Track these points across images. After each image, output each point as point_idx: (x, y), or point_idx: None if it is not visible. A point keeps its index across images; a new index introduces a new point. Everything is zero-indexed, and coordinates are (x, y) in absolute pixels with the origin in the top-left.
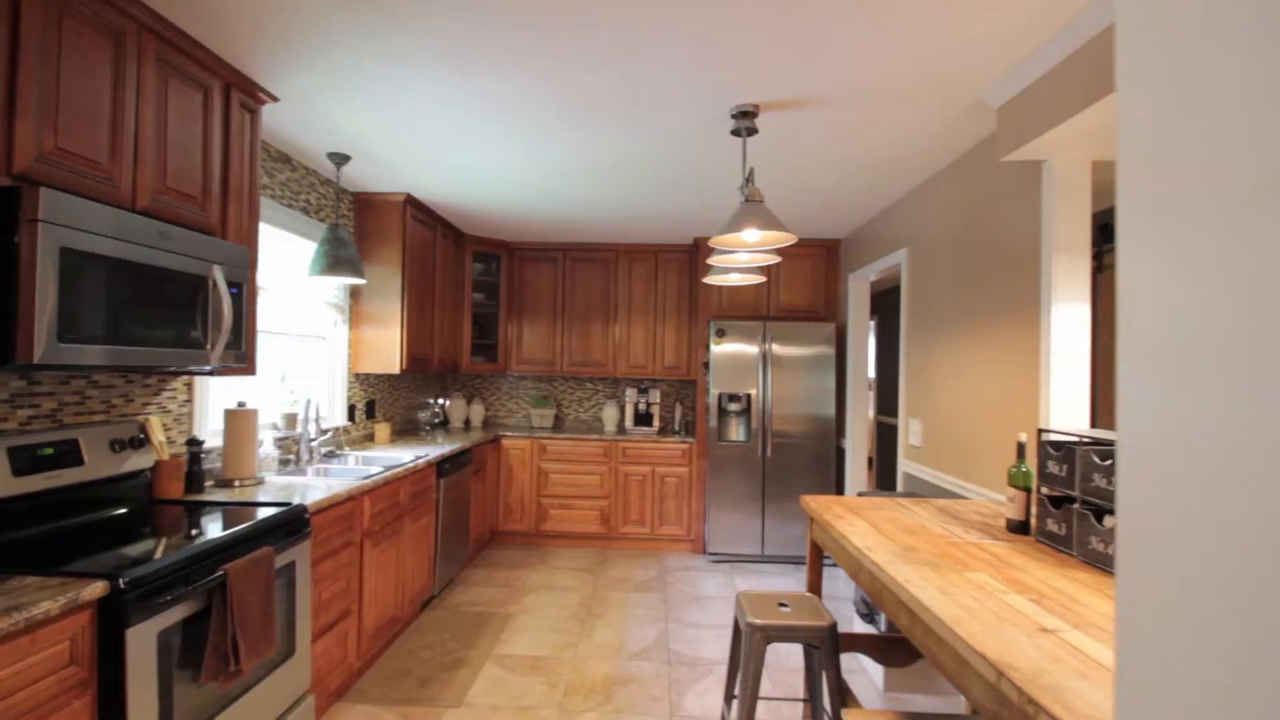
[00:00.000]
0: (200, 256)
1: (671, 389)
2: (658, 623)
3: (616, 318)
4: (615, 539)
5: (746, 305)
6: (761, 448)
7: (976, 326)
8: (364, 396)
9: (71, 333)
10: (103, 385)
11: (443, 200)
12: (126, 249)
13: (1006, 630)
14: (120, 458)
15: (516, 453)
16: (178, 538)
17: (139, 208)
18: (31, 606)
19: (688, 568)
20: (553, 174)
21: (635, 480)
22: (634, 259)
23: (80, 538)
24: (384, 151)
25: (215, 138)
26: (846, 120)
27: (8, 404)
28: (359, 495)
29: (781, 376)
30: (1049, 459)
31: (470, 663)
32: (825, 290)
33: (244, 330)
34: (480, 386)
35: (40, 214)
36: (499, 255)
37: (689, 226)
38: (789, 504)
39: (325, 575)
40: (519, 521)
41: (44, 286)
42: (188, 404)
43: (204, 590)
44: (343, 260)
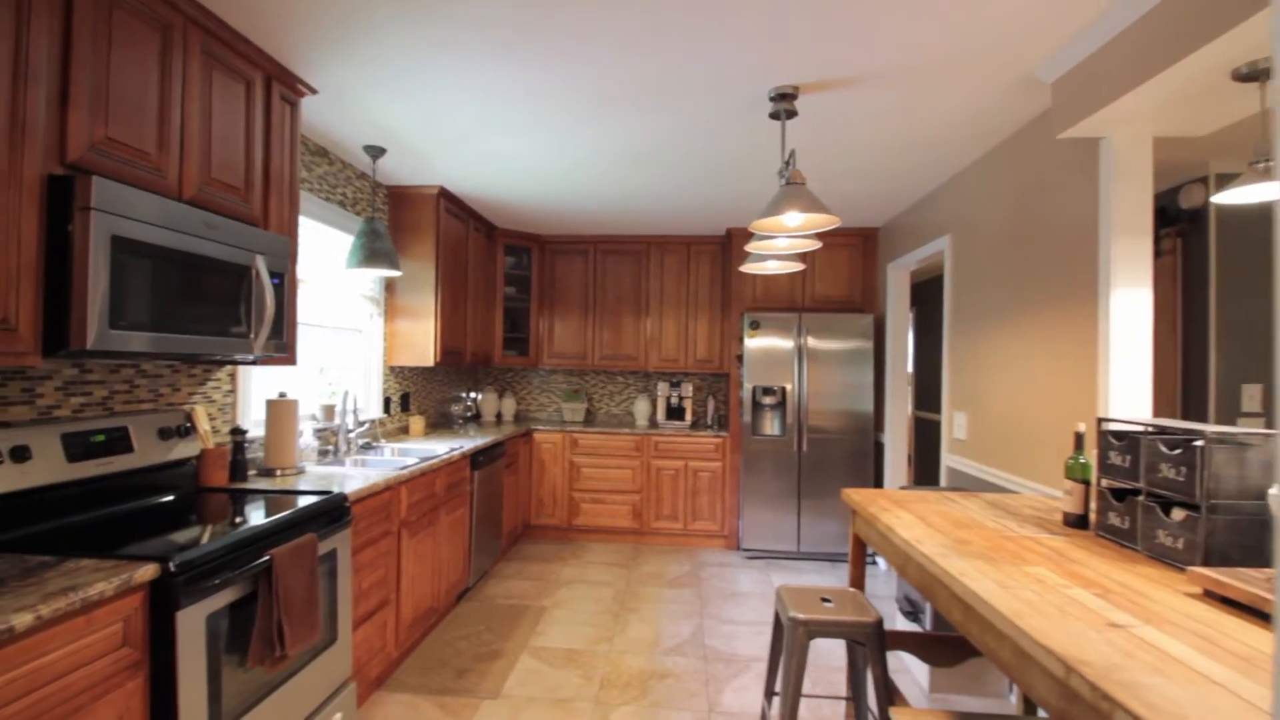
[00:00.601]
0: (244, 246)
1: (703, 382)
2: (692, 618)
3: (648, 310)
4: (647, 534)
5: (781, 297)
6: (797, 442)
7: (1028, 314)
8: (398, 389)
9: (122, 320)
10: (151, 374)
11: (475, 193)
12: (174, 238)
13: (1073, 625)
14: (168, 446)
15: (548, 446)
16: (224, 524)
17: (185, 198)
18: (87, 587)
19: (721, 564)
20: (586, 164)
21: (667, 475)
22: (665, 251)
23: (130, 523)
24: (419, 143)
25: (257, 130)
26: (890, 100)
27: (61, 391)
28: (396, 485)
29: (817, 369)
30: (1111, 450)
31: (506, 654)
32: (862, 280)
33: (285, 320)
34: (512, 380)
35: (93, 202)
36: (530, 248)
37: (721, 217)
38: (825, 500)
39: (365, 564)
40: (551, 515)
41: (96, 274)
42: (231, 394)
43: (250, 575)
44: (379, 252)
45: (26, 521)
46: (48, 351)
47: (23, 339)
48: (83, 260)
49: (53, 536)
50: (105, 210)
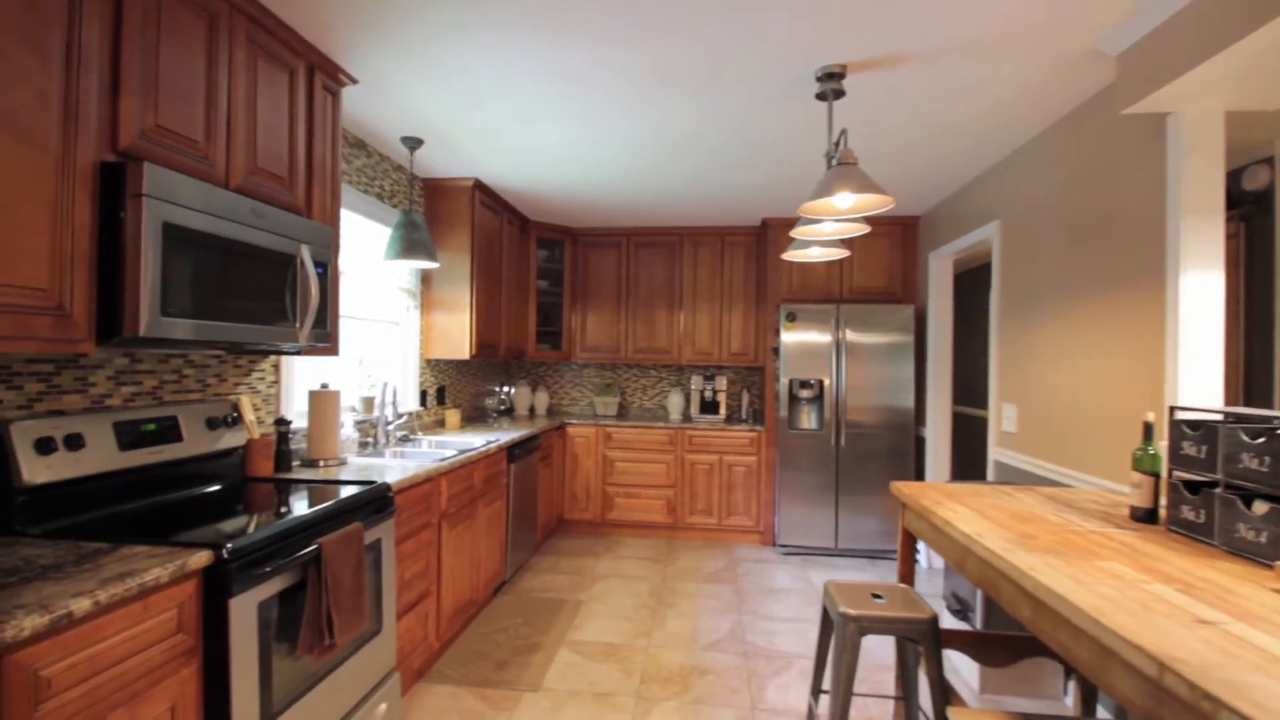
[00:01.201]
0: (289, 235)
1: (738, 376)
2: (730, 614)
3: (681, 303)
4: (681, 529)
5: (818, 288)
6: (835, 437)
7: (1085, 301)
8: (434, 382)
9: (173, 307)
10: (198, 364)
11: (510, 185)
12: (222, 225)
13: (1159, 621)
14: (215, 435)
15: (581, 440)
16: (272, 513)
17: (232, 186)
18: (143, 573)
19: (757, 559)
20: (622, 154)
21: (702, 469)
22: (699, 242)
23: (181, 511)
24: (456, 133)
25: (300, 119)
26: (942, 79)
27: (113, 381)
28: (437, 476)
29: (856, 362)
30: (1184, 440)
31: (545, 648)
32: (903, 271)
33: (328, 311)
34: (544, 374)
35: (144, 189)
36: (563, 241)
37: (756, 206)
38: (864, 495)
39: (407, 554)
40: (584, 510)
41: (148, 261)
42: (275, 385)
43: (300, 563)
44: (417, 244)
45: (81, 509)
46: (101, 339)
47: (77, 326)
48: (135, 247)
49: (106, 524)
50: (156, 197)
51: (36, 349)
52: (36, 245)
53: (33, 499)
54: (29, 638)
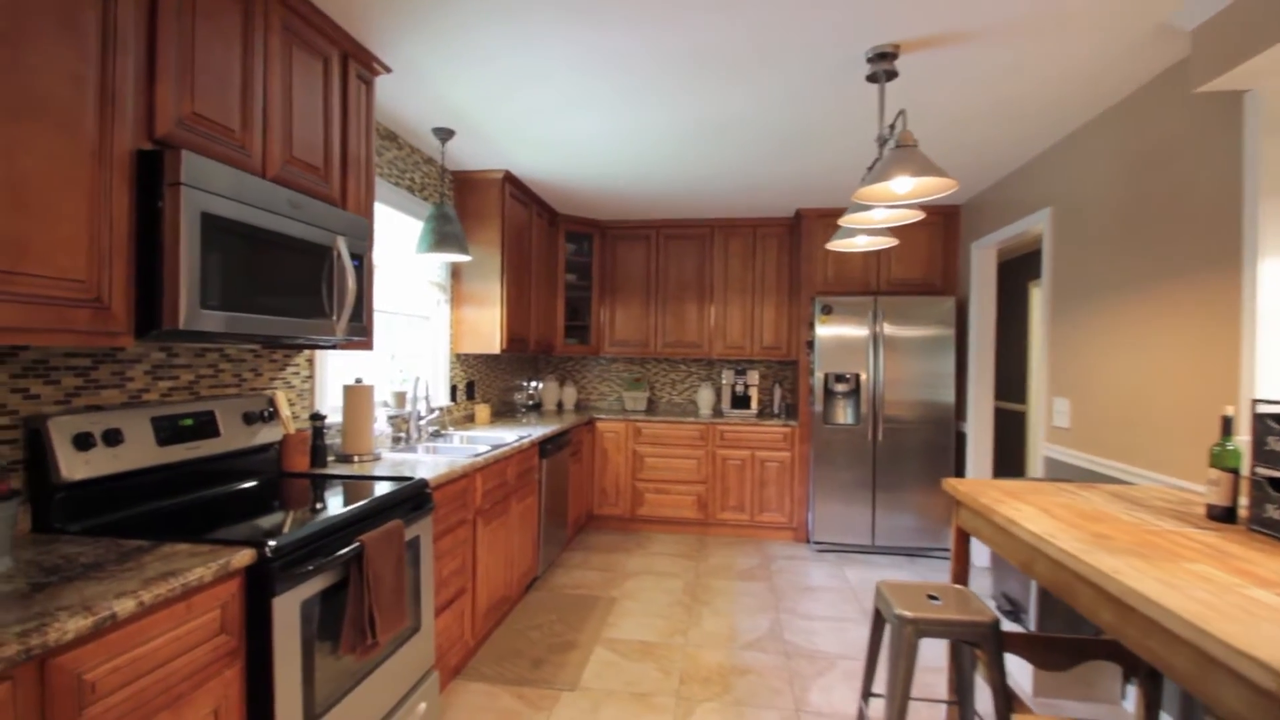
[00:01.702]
0: (326, 227)
1: (770, 370)
2: (767, 612)
3: (712, 296)
4: (713, 525)
5: (854, 280)
6: (872, 432)
7: (1149, 290)
8: (464, 377)
9: (212, 299)
10: (234, 359)
11: (540, 177)
12: (260, 216)
13: (1266, 628)
14: (252, 430)
15: (611, 435)
16: (311, 509)
17: (269, 176)
18: (186, 572)
19: (791, 556)
20: (656, 143)
21: (734, 465)
22: (730, 234)
23: (220, 508)
24: (488, 124)
25: (335, 109)
26: (997, 59)
27: (150, 375)
28: (472, 472)
29: (894, 356)
30: (1269, 435)
31: (580, 645)
32: (943, 262)
33: (364, 304)
34: (572, 369)
35: (182, 177)
36: (591, 234)
37: (791, 197)
38: (902, 492)
39: (444, 551)
40: (614, 505)
41: (187, 251)
42: (309, 379)
43: (342, 562)
44: (449, 236)
45: (119, 505)
46: (140, 332)
47: (116, 319)
48: (174, 237)
49: (145, 520)
50: (194, 186)
51: (75, 342)
52: (74, 235)
53: (71, 495)
54: (72, 640)
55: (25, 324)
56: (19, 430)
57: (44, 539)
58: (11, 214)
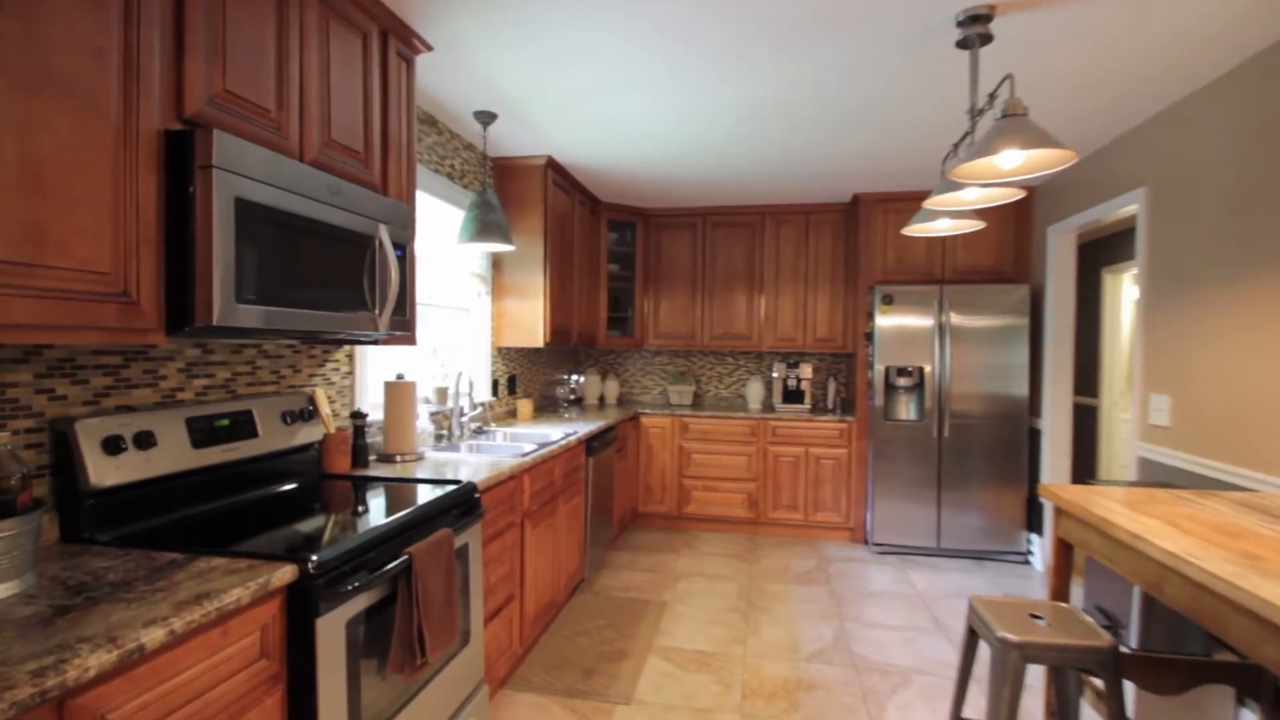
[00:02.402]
0: (367, 214)
1: (823, 363)
2: (830, 620)
3: (762, 287)
4: (764, 524)
5: (917, 268)
6: (937, 428)
7: (1268, 277)
8: (505, 371)
9: (248, 293)
10: (272, 355)
11: (583, 163)
12: (298, 203)
13: None
14: (291, 430)
15: (656, 431)
16: (354, 515)
17: (306, 160)
18: (222, 594)
19: (850, 559)
20: (709, 124)
21: (786, 462)
22: (781, 221)
23: (259, 514)
24: (531, 106)
25: (374, 88)
26: (1115, 18)
27: (184, 374)
28: (520, 473)
29: (961, 348)
30: None
31: (632, 654)
32: (1014, 247)
33: (407, 297)
34: (614, 362)
35: (214, 160)
36: (634, 223)
37: (848, 180)
38: (969, 491)
39: (492, 557)
40: (660, 503)
41: (220, 240)
42: (349, 376)
43: (390, 576)
44: (491, 225)
45: (153, 512)
46: (172, 329)
47: (145, 315)
48: (206, 225)
49: (180, 528)
50: (227, 169)
51: (101, 340)
52: (97, 224)
53: (101, 502)
54: (94, 678)
55: (46, 320)
56: (45, 433)
57: (73, 550)
58: (28, 200)
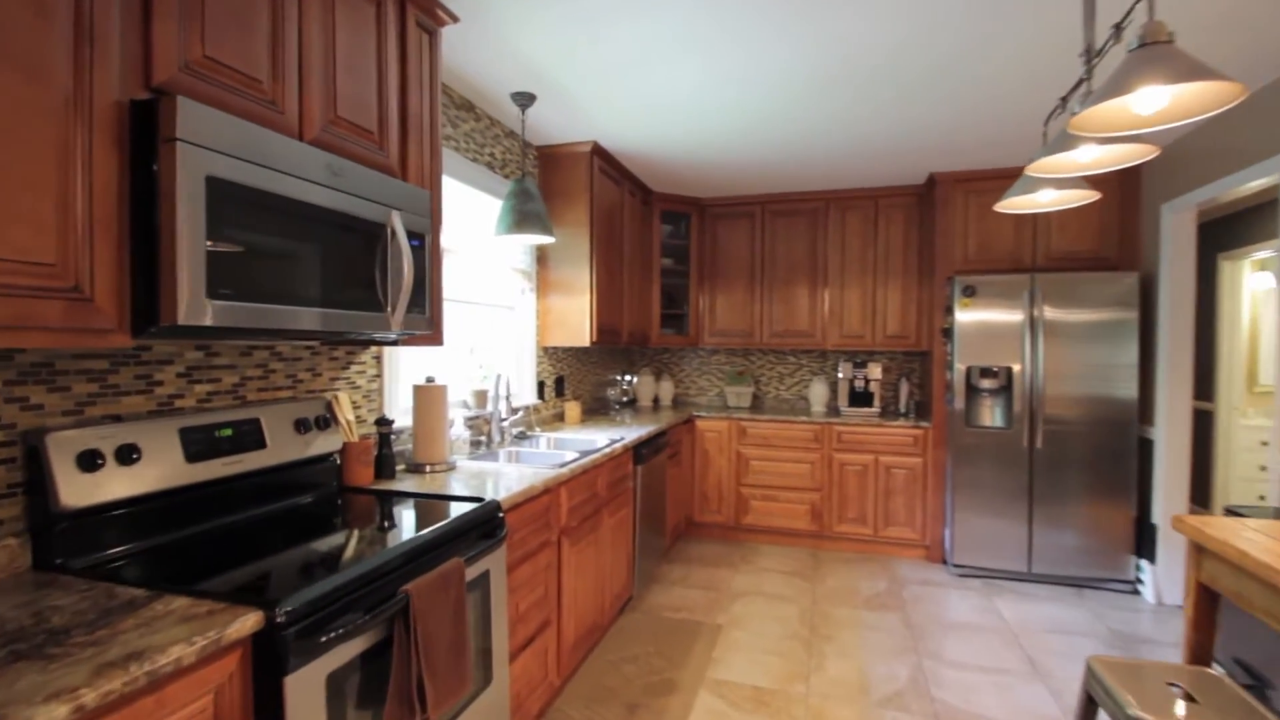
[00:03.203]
0: (377, 200)
1: (894, 363)
2: (905, 655)
3: (826, 279)
4: (828, 539)
5: (1004, 255)
6: (1028, 436)
7: None
8: (552, 372)
9: (225, 286)
10: (288, 357)
11: (631, 149)
12: (290, 184)
13: None
14: (305, 440)
15: (712, 435)
16: (357, 541)
17: (307, 139)
18: (158, 654)
19: (926, 581)
20: (768, 94)
21: (853, 471)
22: (847, 207)
23: (254, 536)
24: (571, 81)
25: (390, 62)
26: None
27: (184, 379)
28: (556, 486)
29: (1056, 345)
30: None
31: (682, 687)
32: (1119, 228)
33: (428, 292)
34: (668, 361)
35: (178, 131)
36: (689, 214)
37: (923, 158)
38: (1065, 509)
39: (522, 582)
40: (716, 513)
41: (188, 225)
42: (376, 379)
43: (384, 619)
44: (530, 216)
45: (136, 535)
46: (138, 329)
47: (102, 313)
48: (169, 207)
49: (162, 555)
50: (196, 143)
51: (47, 342)
52: (37, 207)
53: (76, 525)
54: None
55: None
56: (18, 447)
57: (41, 580)
58: None
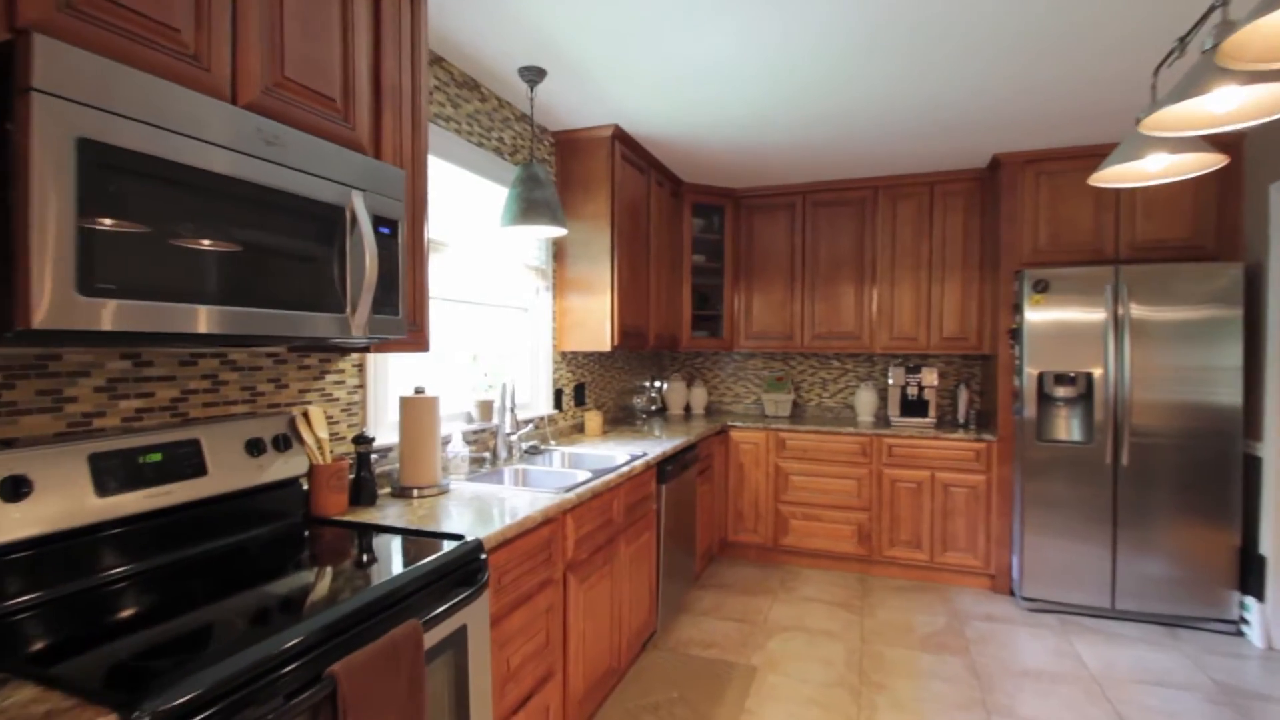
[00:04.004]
0: (331, 177)
1: (952, 367)
2: (972, 710)
3: (874, 276)
4: (878, 563)
5: (1081, 244)
6: (1112, 451)
7: None
8: (571, 379)
9: (109, 281)
10: (244, 366)
11: (657, 133)
12: (204, 154)
13: None
14: (259, 463)
15: (748, 447)
16: (305, 588)
17: (242, 102)
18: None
19: (991, 616)
20: (808, 61)
21: (905, 489)
22: (898, 195)
23: (180, 583)
24: (588, 52)
25: (359, 19)
26: None
27: (105, 393)
28: (559, 515)
29: (1145, 346)
30: None
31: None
32: (1217, 213)
33: (402, 288)
34: (701, 366)
35: (34, 79)
36: (722, 206)
37: (986, 135)
38: (1155, 535)
39: (514, 632)
40: (753, 532)
41: (49, 199)
42: (358, 391)
43: (301, 712)
44: (538, 205)
45: (9, 591)
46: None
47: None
48: (22, 175)
49: (43, 616)
50: (62, 95)
51: None
52: None
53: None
54: None
55: None
56: None
57: None
58: None
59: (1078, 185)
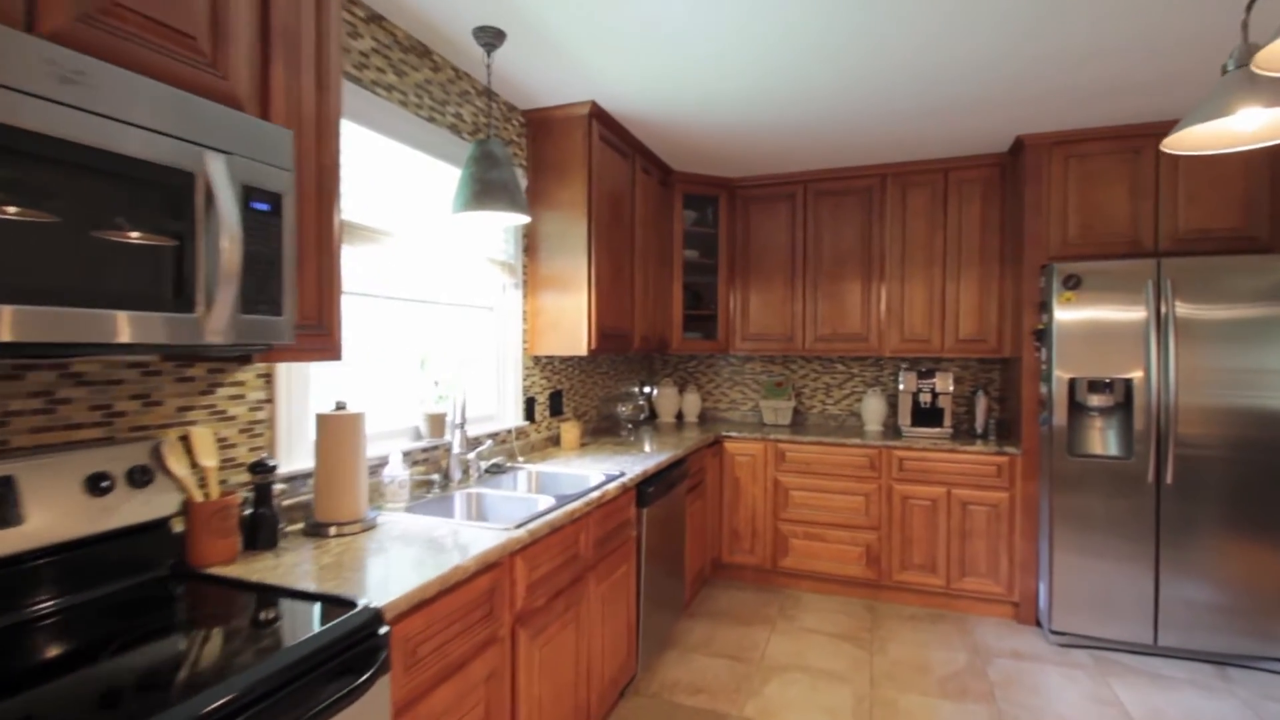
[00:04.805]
0: (174, 133)
1: (968, 372)
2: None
3: (882, 273)
4: (888, 589)
5: (1116, 235)
6: (1154, 466)
7: None
8: (546, 387)
9: None
10: (95, 380)
11: (641, 112)
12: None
13: None
14: (104, 504)
15: (744, 460)
16: (111, 682)
17: (43, 30)
18: None
19: (1018, 653)
20: (815, 24)
21: (919, 506)
22: (909, 184)
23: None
24: (552, 11)
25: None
26: None
27: None
28: (503, 559)
29: (1192, 348)
30: None
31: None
32: (1270, 200)
33: (287, 279)
34: (695, 370)
35: None
36: (716, 196)
37: (1009, 114)
38: (1204, 562)
39: (436, 716)
40: (749, 552)
41: None
42: (265, 406)
43: None
44: (493, 186)
45: None
46: None
47: None
48: None
49: None
50: None
51: None
52: None
53: None
54: None
55: None
56: None
57: None
58: None
59: (1113, 170)
